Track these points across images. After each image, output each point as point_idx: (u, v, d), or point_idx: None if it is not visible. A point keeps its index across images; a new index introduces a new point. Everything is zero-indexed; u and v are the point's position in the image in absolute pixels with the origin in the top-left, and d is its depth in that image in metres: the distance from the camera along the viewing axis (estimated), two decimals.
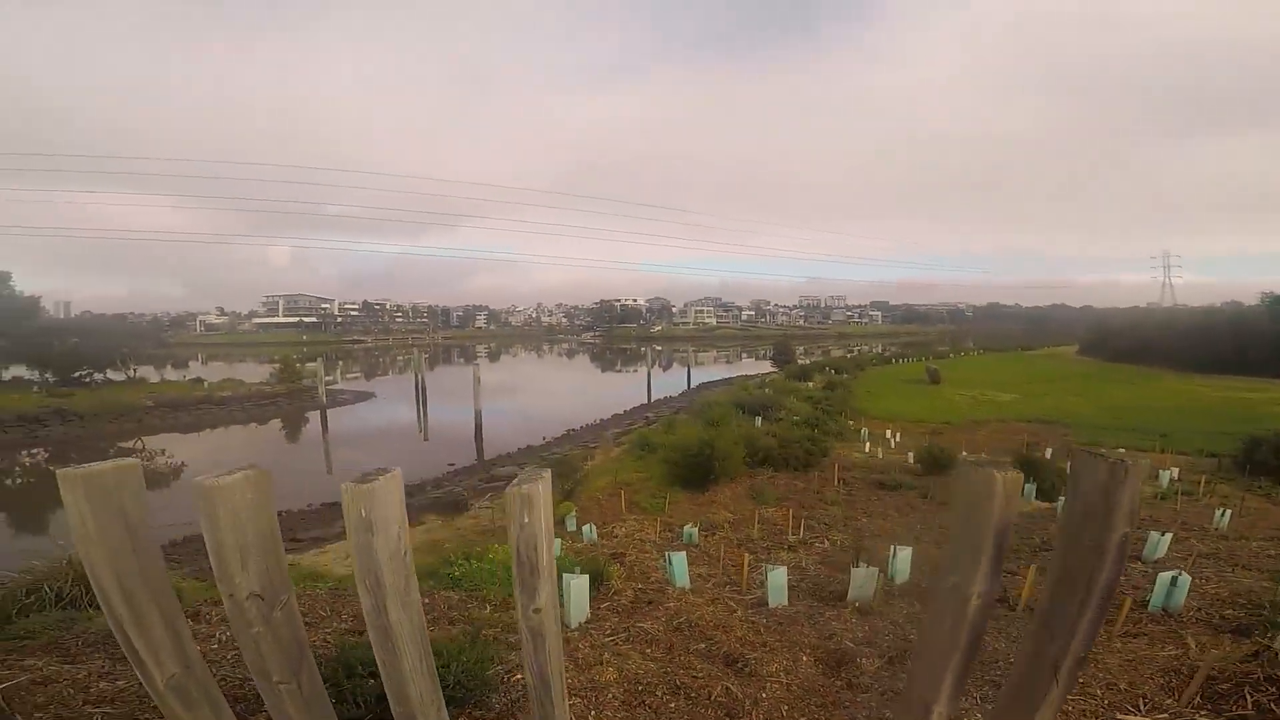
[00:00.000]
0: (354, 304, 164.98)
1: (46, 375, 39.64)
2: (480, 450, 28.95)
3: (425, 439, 34.81)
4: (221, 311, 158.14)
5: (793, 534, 12.84)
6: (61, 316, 73.21)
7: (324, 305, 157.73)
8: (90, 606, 6.08)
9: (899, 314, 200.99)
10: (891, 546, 9.04)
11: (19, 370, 42.00)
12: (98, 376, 41.12)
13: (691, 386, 55.43)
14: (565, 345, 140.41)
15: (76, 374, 39.77)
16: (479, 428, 31.23)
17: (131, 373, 43.98)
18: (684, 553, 8.20)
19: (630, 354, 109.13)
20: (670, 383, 57.25)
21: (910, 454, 22.45)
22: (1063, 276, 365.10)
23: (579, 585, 6.04)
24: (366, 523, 2.05)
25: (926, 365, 51.03)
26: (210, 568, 2.07)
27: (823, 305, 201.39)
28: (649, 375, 52.38)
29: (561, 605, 6.64)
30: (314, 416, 40.29)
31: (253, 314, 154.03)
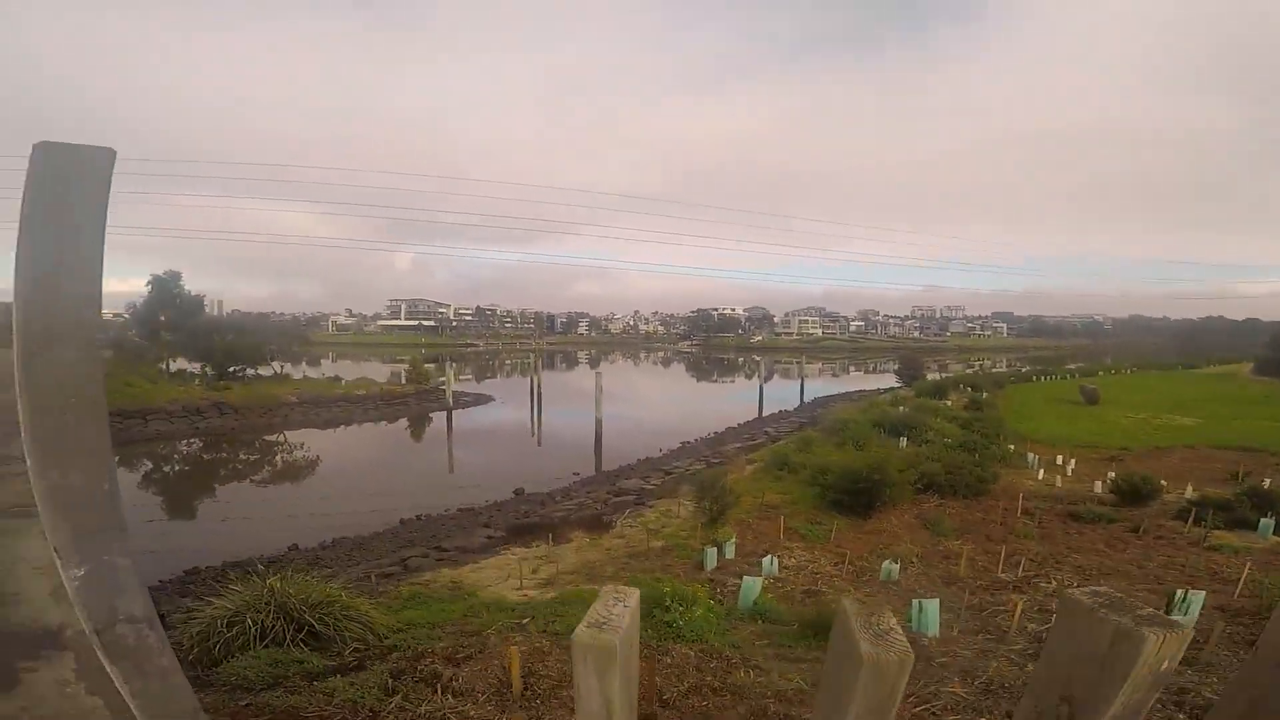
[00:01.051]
0: (468, 309, 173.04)
1: (206, 369, 43.37)
2: (599, 460, 28.35)
3: (539, 444, 34.95)
4: (350, 313, 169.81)
5: (1003, 571, 10.90)
6: (216, 315, 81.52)
7: (441, 310, 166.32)
8: (293, 645, 5.30)
9: (1025, 326, 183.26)
10: (1180, 590, 7.40)
11: (181, 363, 46.41)
12: (249, 371, 44.68)
13: (805, 401, 52.73)
14: (661, 353, 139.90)
15: (232, 369, 43.37)
16: (599, 437, 30.68)
17: (279, 369, 47.58)
18: (936, 600, 6.69)
19: (727, 364, 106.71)
20: (777, 395, 54.68)
21: (1097, 483, 19.54)
22: (1220, 284, 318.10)
23: None
24: None
25: (1081, 384, 45.50)
26: None
27: (939, 315, 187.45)
28: (761, 388, 50.26)
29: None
30: (438, 417, 41.67)
31: (377, 316, 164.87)
